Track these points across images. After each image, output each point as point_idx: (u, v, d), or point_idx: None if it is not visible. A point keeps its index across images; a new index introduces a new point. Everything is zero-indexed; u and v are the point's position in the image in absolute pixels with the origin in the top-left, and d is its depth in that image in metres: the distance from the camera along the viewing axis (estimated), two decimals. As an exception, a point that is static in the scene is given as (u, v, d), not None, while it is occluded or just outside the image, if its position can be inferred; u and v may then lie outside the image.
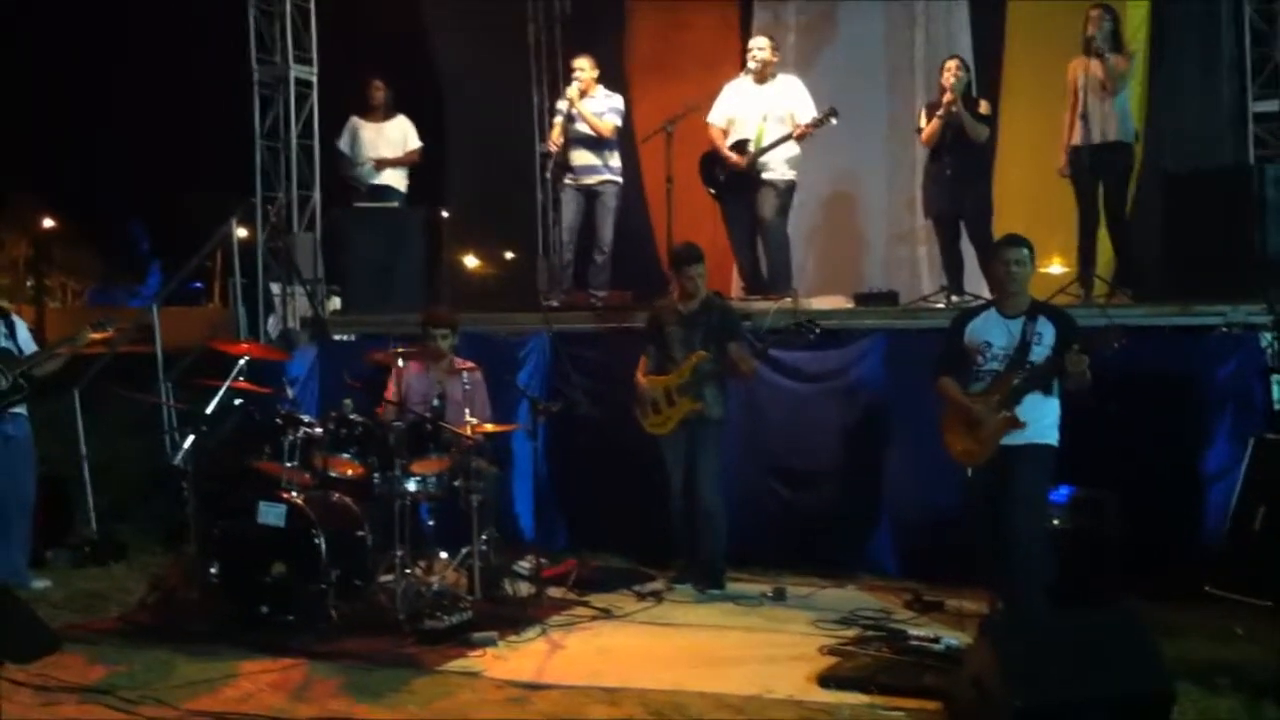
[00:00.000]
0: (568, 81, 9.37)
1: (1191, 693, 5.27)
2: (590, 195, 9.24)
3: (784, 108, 8.74)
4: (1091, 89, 8.32)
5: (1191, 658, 5.71)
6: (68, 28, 36.81)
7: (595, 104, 9.15)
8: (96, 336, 7.60)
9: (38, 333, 7.64)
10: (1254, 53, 8.66)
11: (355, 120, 10.37)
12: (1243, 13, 8.68)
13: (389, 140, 10.34)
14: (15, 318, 7.65)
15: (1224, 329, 7.57)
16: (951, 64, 8.64)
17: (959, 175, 8.60)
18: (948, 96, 8.53)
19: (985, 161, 8.82)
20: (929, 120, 8.72)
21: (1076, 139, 8.44)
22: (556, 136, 9.20)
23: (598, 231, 9.25)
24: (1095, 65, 8.28)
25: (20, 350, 7.47)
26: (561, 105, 9.33)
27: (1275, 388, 7.47)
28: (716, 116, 8.97)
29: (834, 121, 8.53)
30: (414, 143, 10.42)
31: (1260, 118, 8.73)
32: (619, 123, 9.20)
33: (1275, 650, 5.99)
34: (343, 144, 10.37)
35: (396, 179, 10.41)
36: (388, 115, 10.38)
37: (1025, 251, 6.21)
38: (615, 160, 9.26)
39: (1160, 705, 4.85)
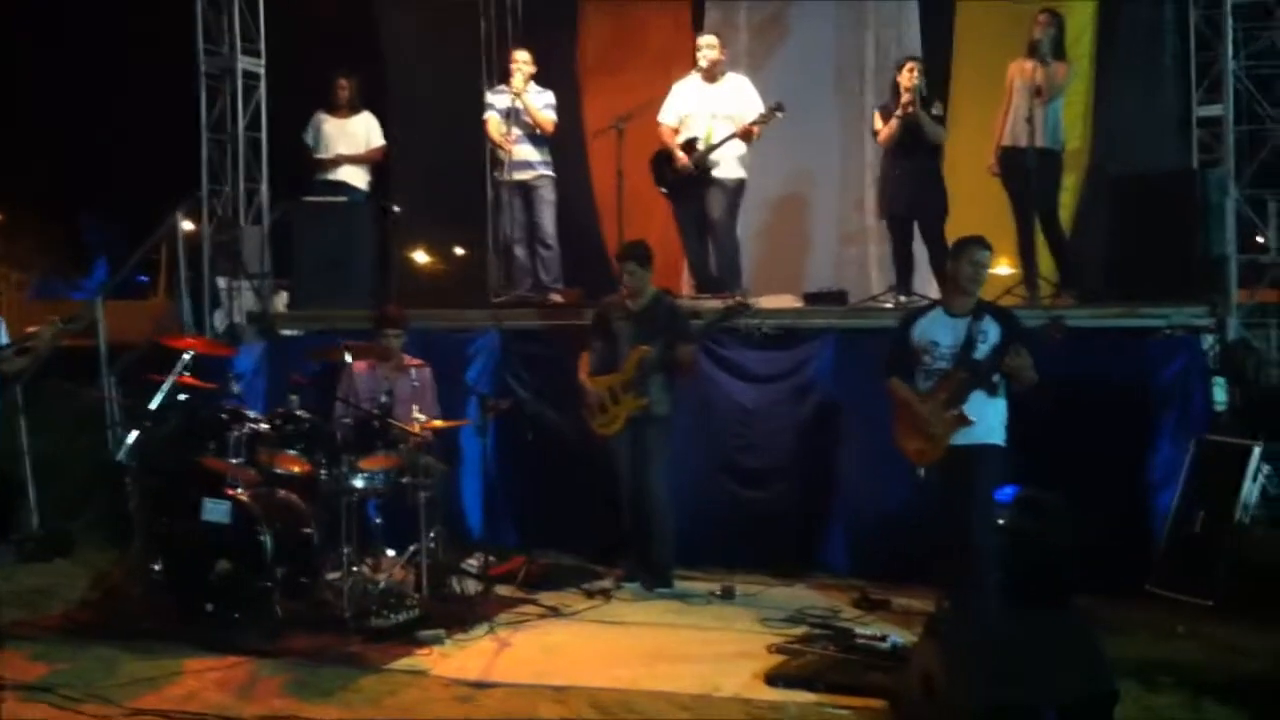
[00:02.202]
0: (508, 75, 9.36)
1: (1134, 690, 5.34)
2: (528, 190, 9.25)
3: (732, 107, 8.76)
4: (1027, 92, 8.37)
5: (1134, 655, 5.78)
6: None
7: (534, 99, 9.16)
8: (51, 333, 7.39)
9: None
10: (1199, 57, 8.77)
11: (320, 115, 10.23)
12: (1187, 17, 8.79)
13: (350, 136, 10.20)
14: None
15: (1167, 331, 7.67)
16: (910, 65, 8.62)
17: (916, 177, 8.60)
18: (905, 98, 8.54)
19: (940, 163, 8.80)
20: (884, 122, 8.69)
21: (1006, 139, 8.51)
22: (508, 133, 9.16)
23: (540, 226, 9.26)
24: (1035, 69, 8.33)
25: None
26: (495, 99, 9.32)
27: (1216, 390, 7.59)
28: (668, 115, 8.98)
29: (780, 116, 8.56)
30: (377, 140, 10.26)
31: (1204, 122, 8.84)
32: (555, 118, 9.24)
33: (1215, 648, 6.10)
34: (308, 137, 10.27)
35: (356, 175, 10.25)
36: (353, 111, 10.27)
37: (988, 254, 6.27)
38: (548, 155, 9.31)
39: (1104, 706, 4.89)
